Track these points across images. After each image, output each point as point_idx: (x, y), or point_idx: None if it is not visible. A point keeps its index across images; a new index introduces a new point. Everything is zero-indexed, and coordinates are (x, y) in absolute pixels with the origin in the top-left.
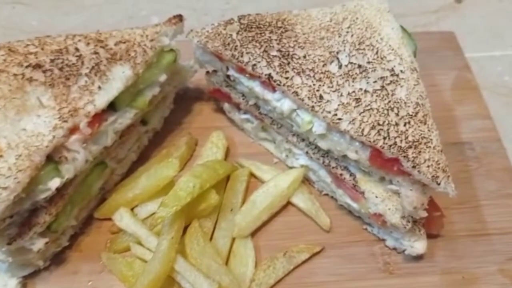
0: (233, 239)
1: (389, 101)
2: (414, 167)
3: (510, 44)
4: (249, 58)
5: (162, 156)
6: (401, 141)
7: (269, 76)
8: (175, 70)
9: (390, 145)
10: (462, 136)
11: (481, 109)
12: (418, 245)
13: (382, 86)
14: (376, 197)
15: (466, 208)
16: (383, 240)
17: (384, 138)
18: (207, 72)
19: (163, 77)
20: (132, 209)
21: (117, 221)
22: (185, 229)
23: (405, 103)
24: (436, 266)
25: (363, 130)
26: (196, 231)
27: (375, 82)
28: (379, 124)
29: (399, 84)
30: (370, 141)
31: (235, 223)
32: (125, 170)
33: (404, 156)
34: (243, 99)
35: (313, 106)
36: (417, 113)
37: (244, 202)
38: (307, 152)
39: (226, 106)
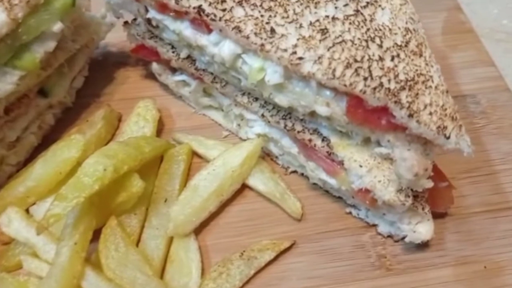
0: (170, 240)
1: (368, 29)
2: (411, 116)
3: None
4: None
5: (68, 137)
6: (389, 81)
7: (200, 9)
8: (82, 22)
9: (375, 88)
10: (462, 88)
11: (481, 55)
12: (422, 229)
13: (356, 11)
14: (360, 166)
15: (478, 176)
16: (374, 226)
17: (365, 78)
18: (125, 23)
19: (58, 26)
20: (27, 210)
21: (3, 227)
22: (99, 231)
23: (390, 30)
24: (448, 256)
25: (334, 70)
26: (113, 232)
27: (345, 5)
28: (356, 61)
29: (379, 5)
30: (345, 85)
31: (170, 218)
32: (22, 159)
33: (396, 102)
34: (173, 52)
35: (262, 45)
36: (408, 42)
37: (183, 189)
38: (262, 115)
39: (155, 67)
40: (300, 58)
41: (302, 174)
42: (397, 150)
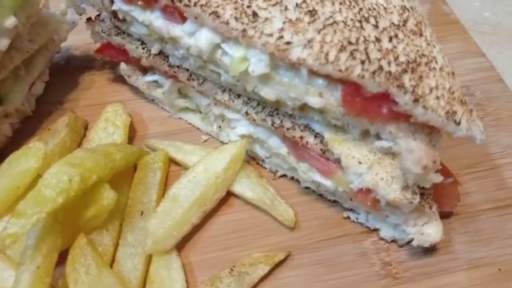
0: (149, 258)
1: (360, 9)
2: (416, 101)
3: None
4: None
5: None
6: (389, 63)
7: None
8: (39, 19)
9: (374, 72)
10: None
11: (470, 46)
12: (431, 230)
13: None
14: (360, 163)
15: (481, 171)
16: (376, 230)
17: (362, 62)
18: (89, 20)
19: (10, 22)
20: None
21: None
22: (66, 252)
23: (385, 9)
24: (459, 259)
25: (327, 54)
26: (83, 252)
27: None
28: (350, 43)
29: None
30: (340, 70)
31: (148, 233)
32: None
33: (398, 86)
34: (143, 48)
35: (244, 30)
36: (405, 21)
37: (161, 200)
38: (246, 113)
39: (123, 68)
40: (288, 43)
41: (293, 177)
42: (401, 142)
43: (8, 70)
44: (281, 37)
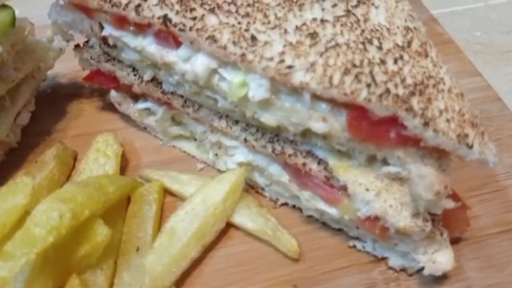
0: None
1: (363, 31)
2: (426, 124)
3: None
4: None
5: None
6: (395, 86)
7: (165, 19)
8: (25, 47)
9: (381, 95)
10: None
11: (465, 65)
12: (442, 258)
13: (347, 11)
14: (367, 190)
15: (487, 193)
16: (383, 259)
17: (368, 85)
18: (76, 46)
19: None
20: None
21: None
22: None
23: (387, 30)
24: (472, 287)
25: (331, 78)
26: None
27: (334, 6)
28: (354, 66)
29: (372, 3)
30: (345, 94)
31: (145, 270)
32: None
33: (407, 110)
34: (135, 75)
35: (243, 55)
36: (410, 42)
37: (158, 234)
38: (245, 140)
39: (113, 95)
40: (290, 67)
41: (294, 206)
42: (412, 167)
43: None
44: (282, 61)
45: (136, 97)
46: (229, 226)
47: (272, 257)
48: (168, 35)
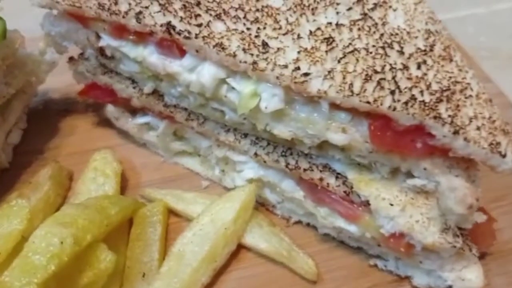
0: None
1: (382, 35)
2: (456, 132)
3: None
4: (129, 5)
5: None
6: (421, 93)
7: (169, 26)
8: (16, 60)
9: (406, 103)
10: None
11: (476, 72)
12: (471, 275)
13: (364, 14)
14: (391, 205)
15: (508, 205)
16: (407, 278)
17: (392, 92)
18: (71, 59)
19: None
20: None
21: None
22: None
23: (408, 33)
24: None
25: (351, 85)
26: None
27: (349, 9)
28: (376, 72)
29: (389, 6)
30: (368, 102)
31: None
32: None
33: (435, 117)
34: (134, 87)
35: (255, 62)
36: (432, 45)
37: (164, 258)
38: (256, 154)
39: (110, 110)
40: (306, 74)
41: (308, 224)
42: (442, 179)
43: None
44: (297, 68)
45: (134, 112)
46: (240, 247)
47: (287, 280)
48: (171, 44)
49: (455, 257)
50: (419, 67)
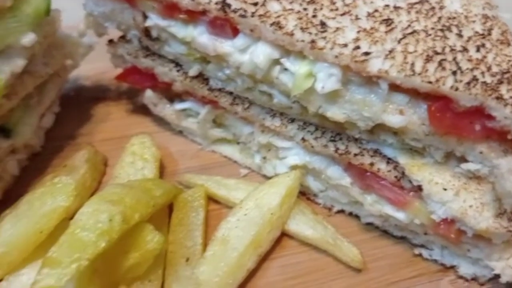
0: None
1: (439, 18)
2: None
3: None
4: None
5: (43, 184)
6: (482, 74)
7: (224, 4)
8: (55, 40)
9: (468, 83)
10: None
11: None
12: None
13: None
14: (445, 189)
15: None
16: (452, 267)
17: (454, 72)
18: (110, 42)
19: (29, 39)
20: None
21: None
22: None
23: (465, 17)
24: None
25: (413, 65)
26: None
27: None
28: (437, 53)
29: None
30: (430, 82)
31: (199, 282)
32: None
33: (497, 98)
34: (178, 70)
35: (313, 41)
36: (490, 30)
37: (207, 244)
38: (303, 140)
39: (149, 95)
40: (366, 53)
41: (351, 213)
42: (502, 161)
43: (20, 97)
44: (357, 47)
45: (172, 98)
46: (282, 235)
47: (332, 268)
48: (224, 23)
49: (504, 245)
50: (478, 50)
